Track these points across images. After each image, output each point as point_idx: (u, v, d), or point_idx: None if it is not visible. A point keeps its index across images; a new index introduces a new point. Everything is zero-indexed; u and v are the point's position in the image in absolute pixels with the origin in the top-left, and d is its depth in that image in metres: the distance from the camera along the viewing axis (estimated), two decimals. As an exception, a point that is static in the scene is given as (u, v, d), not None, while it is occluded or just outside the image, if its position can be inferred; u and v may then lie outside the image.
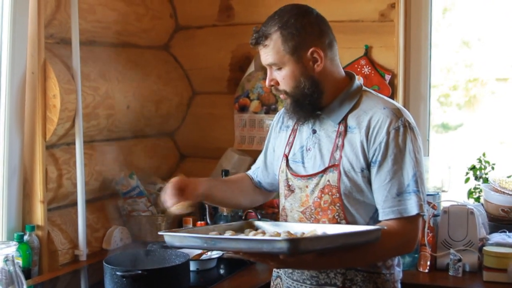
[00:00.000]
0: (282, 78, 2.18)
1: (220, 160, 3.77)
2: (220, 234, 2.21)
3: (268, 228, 2.26)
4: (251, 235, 2.15)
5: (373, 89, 3.27)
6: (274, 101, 3.69)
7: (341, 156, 2.16)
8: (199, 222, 3.40)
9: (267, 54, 2.17)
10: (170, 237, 2.12)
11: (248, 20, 3.71)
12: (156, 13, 3.75)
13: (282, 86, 2.19)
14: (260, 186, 2.55)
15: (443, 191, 3.23)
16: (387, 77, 3.42)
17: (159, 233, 2.19)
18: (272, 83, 2.21)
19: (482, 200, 3.26)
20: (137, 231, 3.43)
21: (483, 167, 3.33)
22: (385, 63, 3.46)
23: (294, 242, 1.86)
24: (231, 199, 2.53)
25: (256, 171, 2.55)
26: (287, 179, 2.30)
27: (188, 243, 2.11)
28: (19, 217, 2.94)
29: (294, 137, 2.33)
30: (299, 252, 1.91)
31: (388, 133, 2.11)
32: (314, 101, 2.19)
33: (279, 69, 2.17)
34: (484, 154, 3.35)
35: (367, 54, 3.47)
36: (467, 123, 3.90)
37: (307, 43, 2.14)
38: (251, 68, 3.73)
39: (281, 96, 2.24)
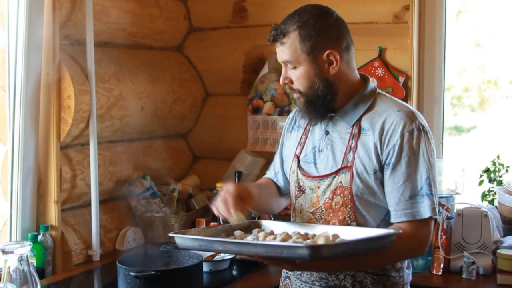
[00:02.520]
0: (297, 77, 2.18)
1: (233, 161, 3.78)
2: (229, 234, 2.21)
3: (275, 228, 2.25)
4: (260, 236, 2.15)
5: (387, 91, 3.28)
6: (288, 103, 3.69)
7: (354, 158, 2.16)
8: (212, 223, 3.40)
9: (283, 51, 2.17)
10: (182, 239, 2.11)
11: (262, 21, 3.71)
12: (170, 15, 3.76)
13: (296, 85, 2.20)
14: (281, 191, 2.52)
15: (457, 193, 3.22)
16: (401, 79, 3.41)
17: (170, 234, 2.16)
18: (286, 81, 2.22)
19: (496, 202, 3.24)
20: (150, 232, 3.44)
21: (497, 169, 3.32)
22: (399, 65, 3.45)
23: (316, 249, 1.85)
24: (265, 205, 2.47)
25: (277, 176, 2.52)
26: (297, 180, 2.30)
27: (201, 246, 2.11)
28: (33, 217, 2.96)
29: (306, 138, 2.33)
30: (320, 259, 1.91)
31: (402, 135, 2.11)
32: (327, 103, 2.19)
33: (294, 68, 2.18)
34: (498, 157, 3.34)
35: (381, 56, 3.46)
36: (480, 125, 3.88)
37: (324, 45, 2.15)
38: (265, 69, 3.73)
39: (295, 95, 2.24)
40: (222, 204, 2.16)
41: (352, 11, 3.45)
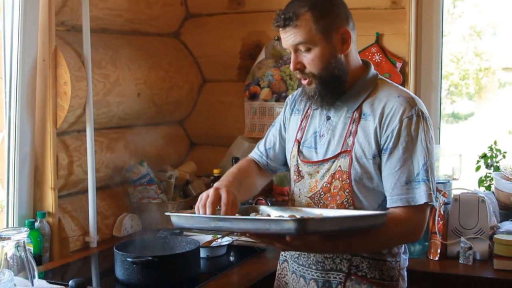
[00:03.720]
0: (311, 59, 2.15)
1: (230, 148, 3.77)
2: None
3: (272, 213, 2.27)
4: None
5: (384, 77, 3.28)
6: (285, 89, 3.68)
7: (353, 142, 2.16)
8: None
9: (295, 34, 2.13)
10: (178, 218, 2.13)
11: (259, 8, 3.70)
12: (167, 1, 3.75)
13: (309, 69, 2.17)
14: (266, 169, 2.53)
15: (454, 179, 3.22)
16: (398, 65, 3.40)
17: (166, 213, 2.21)
18: (298, 66, 2.18)
19: (493, 188, 3.25)
20: (147, 218, 3.44)
21: (494, 155, 3.33)
22: (396, 50, 3.44)
23: (302, 222, 1.86)
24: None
25: (266, 153, 2.52)
26: (297, 165, 2.31)
27: (195, 224, 2.12)
28: (30, 204, 2.96)
29: (307, 123, 2.33)
30: (306, 233, 1.91)
31: (401, 121, 2.11)
32: (342, 83, 2.19)
33: (308, 50, 2.15)
34: (495, 142, 3.34)
35: (378, 41, 3.46)
36: (478, 112, 3.89)
37: (338, 23, 2.15)
38: (262, 55, 3.72)
39: (304, 82, 2.21)
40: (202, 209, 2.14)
41: (349, -3, 3.44)
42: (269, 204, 3.25)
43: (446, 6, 3.53)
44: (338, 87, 2.19)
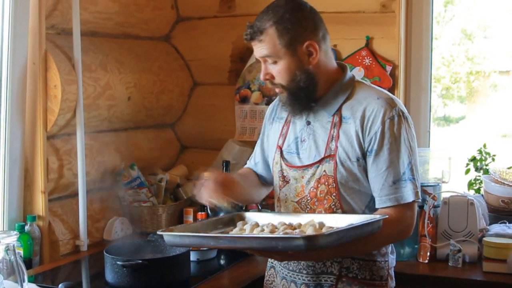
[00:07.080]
0: (278, 72, 2.20)
1: (221, 151, 3.77)
2: (215, 228, 2.22)
3: (260, 220, 2.27)
4: (247, 228, 2.16)
5: (374, 80, 3.30)
6: (275, 92, 3.66)
7: (336, 147, 2.19)
8: (199, 213, 3.40)
9: (261, 48, 2.19)
10: (172, 237, 2.12)
11: (249, 11, 3.70)
12: (157, 4, 3.75)
13: (277, 80, 2.22)
14: (263, 180, 2.56)
15: (443, 182, 3.23)
16: (388, 68, 3.41)
17: (158, 232, 2.17)
18: (267, 77, 2.24)
19: (482, 191, 3.26)
20: (138, 222, 3.43)
21: (483, 158, 3.34)
22: (386, 54, 3.45)
23: (312, 239, 1.87)
24: (246, 195, 2.51)
25: (257, 166, 2.55)
26: (281, 170, 2.32)
27: (192, 243, 2.12)
28: (20, 207, 2.95)
29: (288, 129, 2.35)
30: (316, 249, 1.92)
31: (383, 122, 2.14)
32: (310, 93, 2.22)
33: (274, 62, 2.19)
34: (484, 145, 3.35)
35: (368, 45, 3.46)
36: (469, 115, 3.90)
37: (302, 37, 2.16)
38: (252, 59, 3.72)
39: (277, 90, 2.26)
40: (207, 191, 2.21)
41: (339, 0, 3.45)
42: (259, 207, 3.25)
43: (437, 9, 3.53)
44: (306, 97, 2.22)
